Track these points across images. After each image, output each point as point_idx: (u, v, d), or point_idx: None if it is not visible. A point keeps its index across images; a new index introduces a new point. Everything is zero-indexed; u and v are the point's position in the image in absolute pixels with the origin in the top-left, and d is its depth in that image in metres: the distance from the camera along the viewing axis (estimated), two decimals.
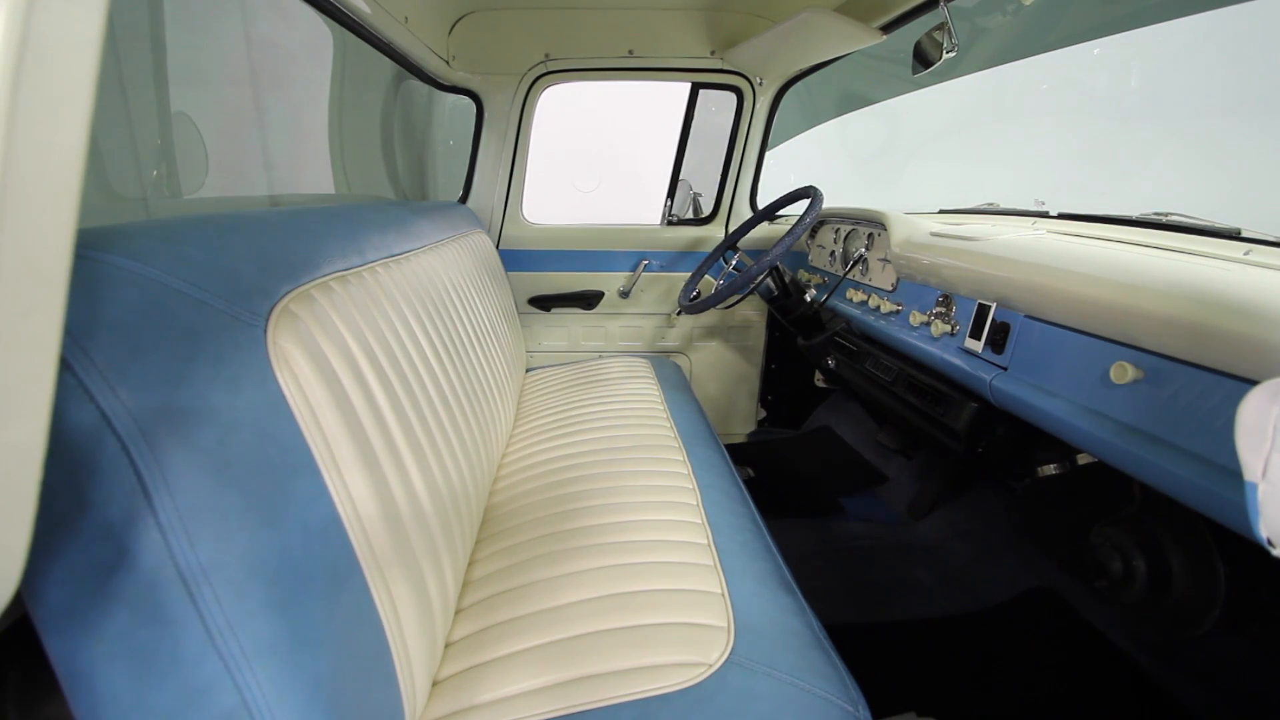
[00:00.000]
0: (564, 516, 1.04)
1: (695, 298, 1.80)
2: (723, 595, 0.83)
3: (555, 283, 2.06)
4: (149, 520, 0.42)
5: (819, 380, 2.11)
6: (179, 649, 0.43)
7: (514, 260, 2.02)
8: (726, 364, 2.17)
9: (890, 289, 1.41)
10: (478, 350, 1.26)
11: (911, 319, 1.27)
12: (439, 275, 1.18)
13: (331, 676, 0.52)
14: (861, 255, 1.55)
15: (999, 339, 1.04)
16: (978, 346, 1.08)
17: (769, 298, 1.68)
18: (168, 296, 0.48)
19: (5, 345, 0.28)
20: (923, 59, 1.47)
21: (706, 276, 1.99)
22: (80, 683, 0.43)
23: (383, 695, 0.60)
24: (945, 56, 1.40)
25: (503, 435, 1.33)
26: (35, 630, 0.42)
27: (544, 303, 2.07)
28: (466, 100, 1.92)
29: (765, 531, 1.03)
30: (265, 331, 0.57)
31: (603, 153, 3.57)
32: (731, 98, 1.95)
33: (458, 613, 0.85)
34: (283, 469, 0.53)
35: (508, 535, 1.01)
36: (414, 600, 0.67)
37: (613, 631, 0.78)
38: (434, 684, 0.73)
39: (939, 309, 1.21)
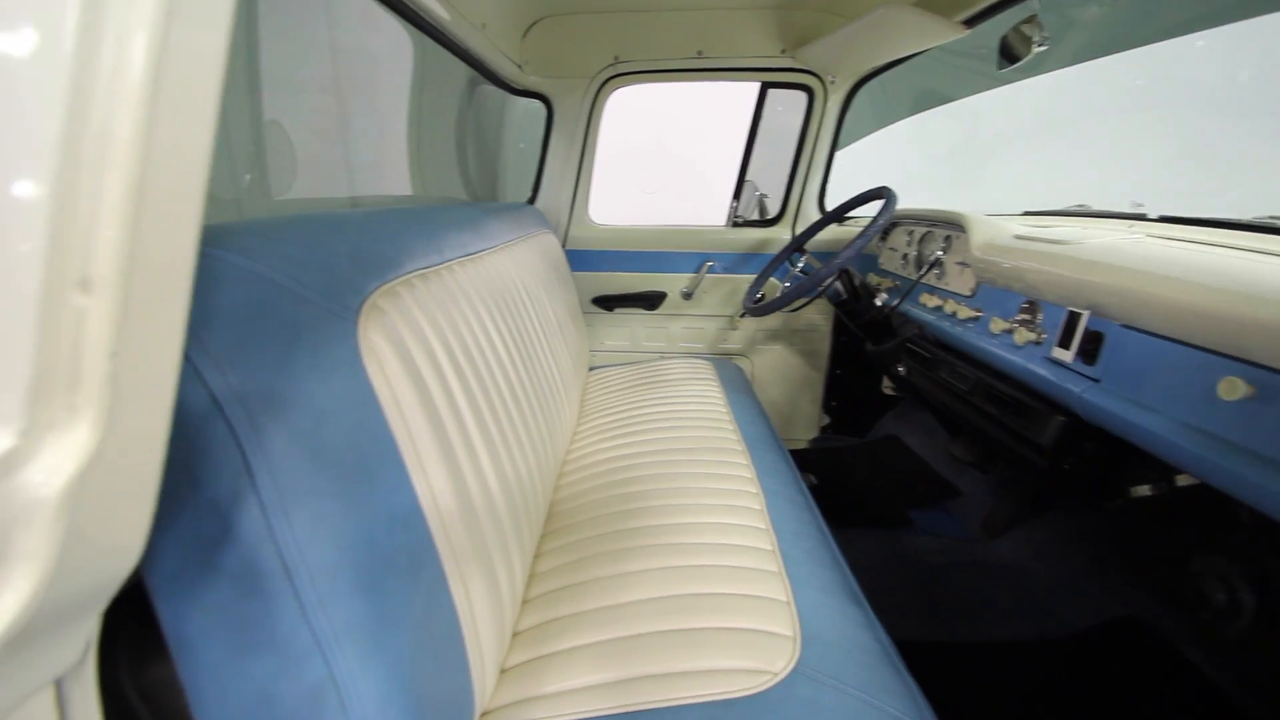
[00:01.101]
0: (626, 515, 1.04)
1: (760, 300, 1.77)
2: (788, 603, 0.81)
3: (619, 283, 2.08)
4: (252, 499, 0.45)
5: (887, 387, 2.05)
6: (275, 622, 0.46)
7: (579, 260, 2.05)
8: (790, 368, 2.13)
9: (969, 294, 1.35)
10: (546, 348, 1.29)
11: (992, 326, 1.21)
12: (510, 274, 1.20)
13: (410, 658, 0.54)
14: (938, 258, 1.49)
15: (1091, 349, 0.98)
16: (1067, 356, 1.02)
17: (837, 301, 1.64)
18: (273, 291, 0.52)
19: (140, 332, 0.31)
20: (1009, 54, 1.41)
21: (771, 279, 1.96)
22: (185, 648, 0.46)
23: (455, 679, 0.62)
24: (1035, 51, 1.33)
25: (567, 432, 1.35)
26: (147, 595, 0.46)
27: (607, 303, 2.09)
28: (537, 104, 1.97)
29: (832, 540, 1.01)
30: (356, 325, 0.59)
31: (666, 154, 3.58)
32: (801, 97, 1.91)
33: (524, 603, 0.86)
34: (371, 457, 0.55)
35: (571, 531, 1.03)
36: (486, 589, 0.69)
37: (675, 633, 0.78)
38: (501, 671, 0.74)
39: (1023, 316, 1.15)
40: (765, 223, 2.06)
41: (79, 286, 0.28)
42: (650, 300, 2.07)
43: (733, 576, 0.86)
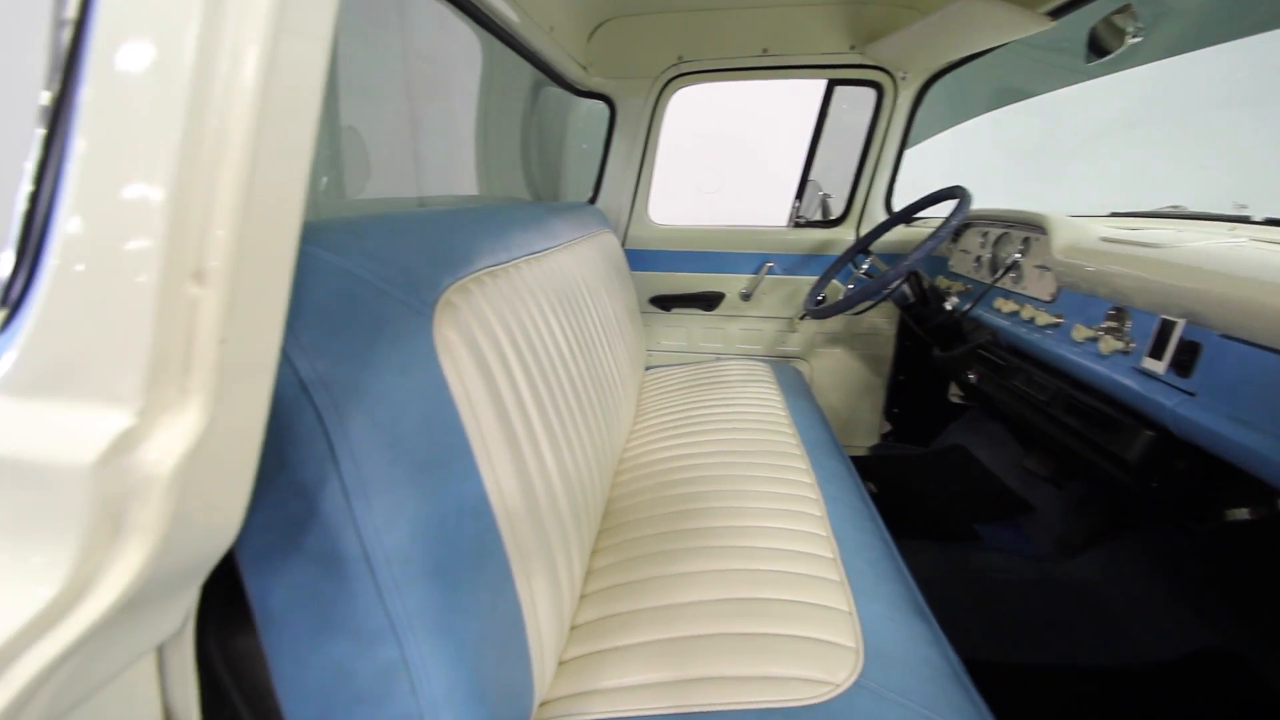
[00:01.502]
0: (683, 516, 1.04)
1: (821, 302, 1.73)
2: (850, 614, 0.79)
3: (676, 283, 2.07)
4: (335, 483, 0.47)
5: (954, 395, 1.97)
6: (352, 603, 0.48)
7: (638, 260, 2.05)
8: (850, 372, 2.08)
9: (1049, 299, 1.28)
10: (606, 346, 1.30)
11: (1074, 333, 1.15)
12: (573, 272, 1.22)
13: (476, 645, 0.55)
14: (1015, 261, 1.42)
15: (1186, 360, 0.91)
16: (1159, 367, 0.95)
17: (904, 305, 1.59)
18: (357, 286, 0.54)
19: (246, 321, 0.32)
20: (1099, 46, 1.33)
21: (834, 281, 1.92)
22: (270, 622, 0.49)
23: (517, 668, 0.63)
24: (1129, 43, 1.25)
25: (624, 431, 1.35)
26: (234, 570, 0.48)
27: (664, 302, 2.09)
28: (600, 105, 1.99)
29: (896, 552, 0.98)
30: (432, 320, 0.61)
31: (726, 154, 3.55)
32: (868, 94, 1.86)
33: (581, 598, 0.87)
34: (443, 448, 0.57)
35: (627, 529, 1.03)
36: (547, 582, 0.70)
37: (733, 636, 0.77)
38: (559, 663, 0.75)
39: (1109, 323, 1.08)
40: (828, 223, 2.02)
41: (194, 278, 0.30)
42: (708, 301, 2.05)
43: (792, 583, 0.85)
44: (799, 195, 2.01)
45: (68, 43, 0.29)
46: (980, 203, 1.65)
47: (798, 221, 2.02)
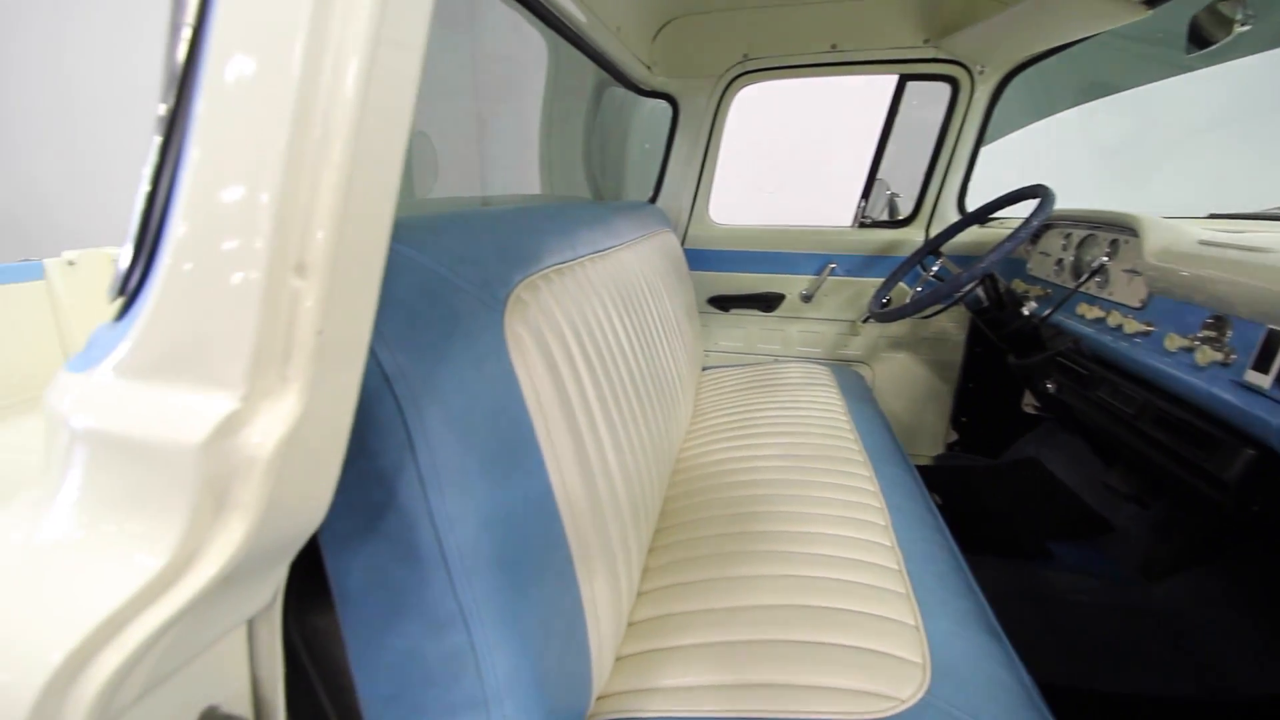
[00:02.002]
0: (740, 519, 1.03)
1: (887, 304, 1.68)
2: (917, 628, 0.76)
3: (736, 283, 2.05)
4: (412, 471, 0.49)
5: (1028, 405, 1.87)
6: (425, 588, 0.50)
7: (697, 259, 2.05)
8: (915, 378, 2.01)
9: (1139, 306, 1.20)
10: (665, 346, 1.30)
11: (1167, 343, 1.07)
12: (635, 271, 1.22)
13: (540, 635, 0.56)
14: (1101, 265, 1.34)
15: None
16: (1264, 381, 0.88)
17: (977, 309, 1.52)
18: (436, 281, 0.55)
19: (341, 313, 0.34)
20: (1201, 37, 1.23)
21: (900, 284, 1.86)
22: (348, 602, 0.51)
23: (577, 661, 0.63)
24: (1237, 31, 1.16)
25: (682, 430, 1.35)
26: (317, 550, 0.51)
27: (723, 303, 2.08)
28: (661, 104, 1.99)
29: (965, 566, 0.94)
30: (503, 315, 0.63)
31: (787, 152, 3.49)
32: (938, 89, 1.79)
33: (638, 595, 0.87)
34: (512, 442, 0.58)
35: (683, 529, 1.03)
36: (607, 577, 0.70)
37: (792, 644, 0.75)
38: (616, 659, 0.76)
39: (1208, 332, 1.00)
40: (896, 224, 1.95)
41: (295, 270, 0.31)
42: (767, 302, 2.02)
43: (855, 593, 0.82)
44: (865, 194, 1.95)
45: (182, 60, 0.32)
46: (1063, 203, 1.57)
47: (863, 221, 1.97)
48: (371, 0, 0.29)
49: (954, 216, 1.88)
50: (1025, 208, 1.42)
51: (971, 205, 1.89)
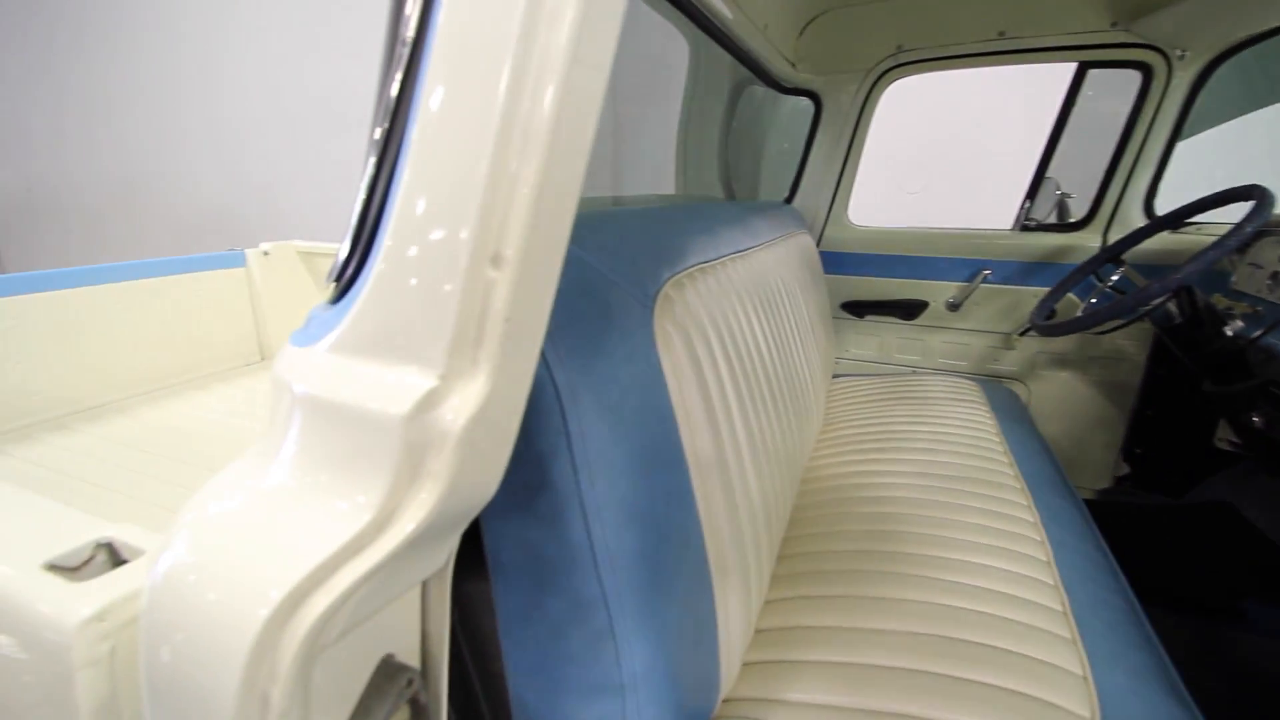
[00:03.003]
0: (874, 536, 0.97)
1: (1052, 316, 1.52)
2: (1085, 679, 0.68)
3: (873, 288, 1.95)
4: (565, 456, 0.51)
5: (1223, 440, 1.61)
6: (573, 568, 0.52)
7: (832, 262, 1.97)
8: (1080, 400, 1.80)
9: None
10: (800, 351, 1.26)
11: None
12: (773, 272, 1.20)
13: (675, 628, 0.56)
14: None
15: None
16: None
17: (1166, 326, 1.34)
18: (594, 276, 0.58)
19: (526, 302, 0.36)
20: None
21: (1069, 295, 1.67)
22: (501, 574, 0.54)
23: (706, 660, 0.63)
24: None
25: (812, 439, 1.31)
26: (476, 522, 0.54)
27: (858, 308, 1.98)
28: (799, 103, 1.93)
29: (1144, 617, 0.83)
30: (652, 312, 0.64)
31: (935, 149, 3.26)
32: (1123, 78, 1.59)
33: (765, 603, 0.86)
34: (657, 437, 0.59)
35: (812, 541, 0.99)
36: (739, 580, 0.70)
37: (931, 676, 0.70)
38: (743, 664, 0.75)
39: None
40: (1066, 227, 1.76)
41: (492, 262, 0.34)
42: (909, 309, 1.90)
43: (1009, 630, 0.75)
44: (1031, 194, 1.78)
45: (396, 93, 0.36)
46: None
47: (1026, 224, 1.79)
48: (569, 30, 0.32)
49: (1139, 220, 1.66)
50: (1230, 213, 1.22)
51: (1162, 208, 1.66)
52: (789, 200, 2.02)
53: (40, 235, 4.70)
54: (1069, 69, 1.69)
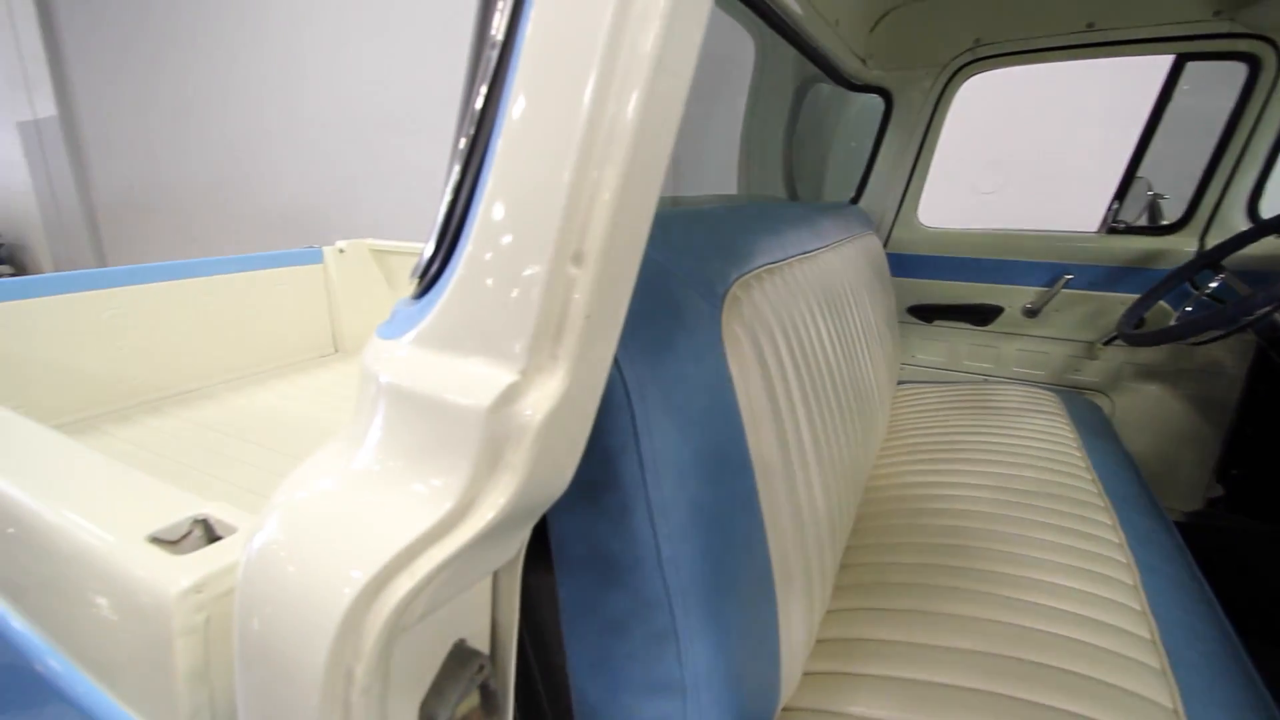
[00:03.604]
0: (941, 550, 0.94)
1: (1141, 325, 1.43)
2: (1175, 712, 0.64)
3: (943, 292, 1.88)
4: (633, 454, 0.51)
5: None
6: (637, 565, 0.52)
7: (899, 264, 1.91)
8: (1169, 416, 1.68)
9: None
10: (866, 355, 1.23)
11: None
12: (839, 274, 1.17)
13: (737, 632, 0.56)
14: None
15: None
16: None
17: (1272, 338, 1.23)
18: (664, 275, 0.58)
19: (605, 300, 0.36)
20: None
21: (1161, 302, 1.56)
22: (566, 567, 0.55)
23: (767, 666, 0.62)
24: None
25: (877, 446, 1.27)
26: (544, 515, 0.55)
27: (926, 313, 1.91)
28: (872, 101, 1.87)
29: (1243, 651, 0.77)
30: (720, 312, 0.63)
31: (1011, 147, 3.10)
32: (1221, 71, 1.47)
33: (827, 613, 0.84)
34: (723, 437, 0.58)
35: (876, 551, 0.96)
36: (801, 587, 0.68)
37: (1003, 699, 0.67)
38: (804, 674, 0.73)
39: None
40: (1158, 230, 1.65)
41: (573, 259, 0.34)
42: (982, 314, 1.82)
43: (1091, 656, 0.71)
44: (1119, 195, 1.67)
45: (480, 105, 0.37)
46: None
47: (1113, 226, 1.69)
48: (655, 40, 0.32)
49: (1241, 224, 1.54)
50: None
51: (1268, 211, 1.53)
52: (855, 200, 1.97)
53: (138, 231, 5.08)
54: (1162, 61, 1.58)
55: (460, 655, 0.43)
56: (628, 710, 0.54)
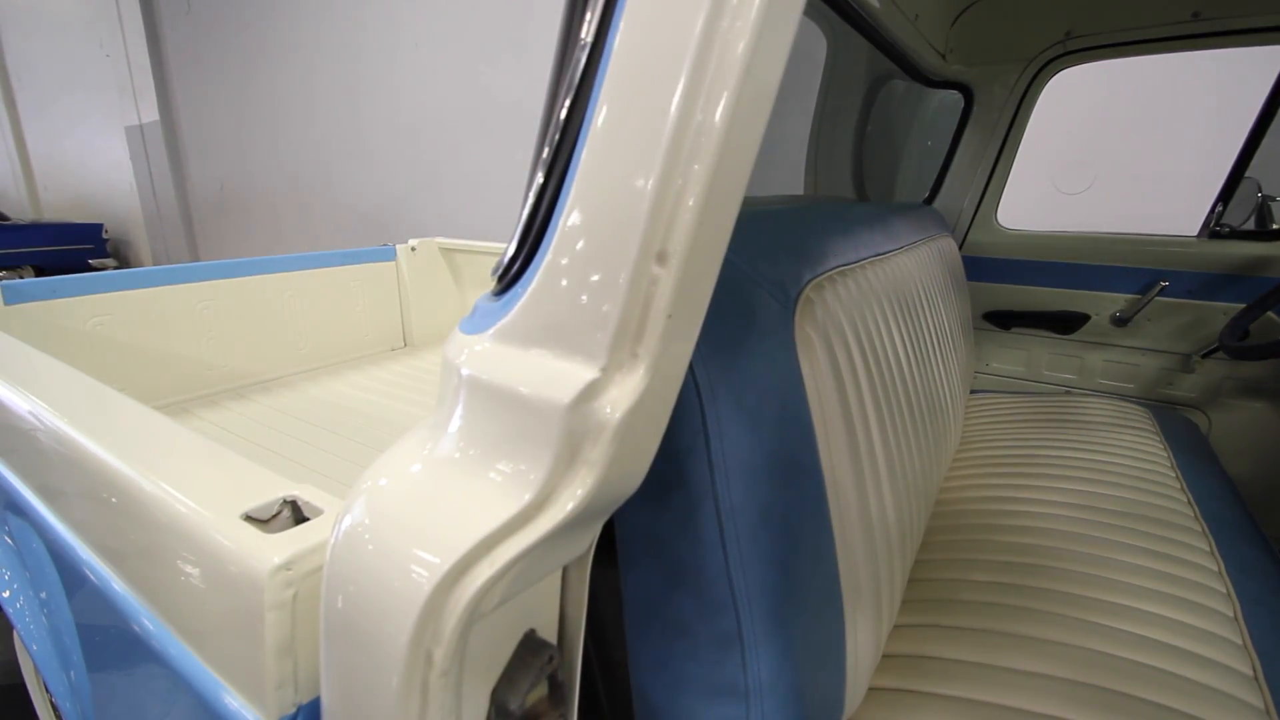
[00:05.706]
0: (1016, 569, 0.89)
1: (1245, 337, 1.32)
2: None
3: (1022, 298, 1.79)
4: (703, 454, 0.51)
5: None
6: (704, 567, 0.51)
7: (976, 268, 1.83)
8: (1275, 436, 1.55)
9: None
10: (940, 363, 1.18)
11: None
12: (913, 278, 1.13)
13: (802, 640, 0.55)
14: None
15: None
16: None
17: None
18: (738, 276, 0.57)
19: (686, 299, 0.36)
20: None
21: (1269, 314, 1.44)
22: (631, 566, 0.55)
23: (832, 677, 0.61)
24: None
25: (949, 457, 1.22)
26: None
27: (1003, 319, 1.82)
28: (950, 98, 1.80)
29: None
30: (794, 315, 0.62)
31: (1101, 144, 2.92)
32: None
33: (894, 628, 0.81)
34: (794, 441, 0.57)
35: (946, 567, 0.93)
36: (870, 599, 0.66)
37: None
38: (869, 689, 0.71)
39: None
40: (1267, 235, 1.52)
41: (657, 259, 0.34)
42: (1066, 322, 1.72)
43: (1185, 691, 0.66)
44: (1224, 197, 1.55)
45: (564, 115, 0.37)
46: None
47: (1217, 231, 1.57)
48: (746, 44, 0.31)
49: None
50: None
51: None
52: (929, 201, 1.90)
53: (228, 228, 5.43)
54: (1273, 53, 1.45)
55: (531, 645, 0.44)
56: (689, 712, 0.54)
